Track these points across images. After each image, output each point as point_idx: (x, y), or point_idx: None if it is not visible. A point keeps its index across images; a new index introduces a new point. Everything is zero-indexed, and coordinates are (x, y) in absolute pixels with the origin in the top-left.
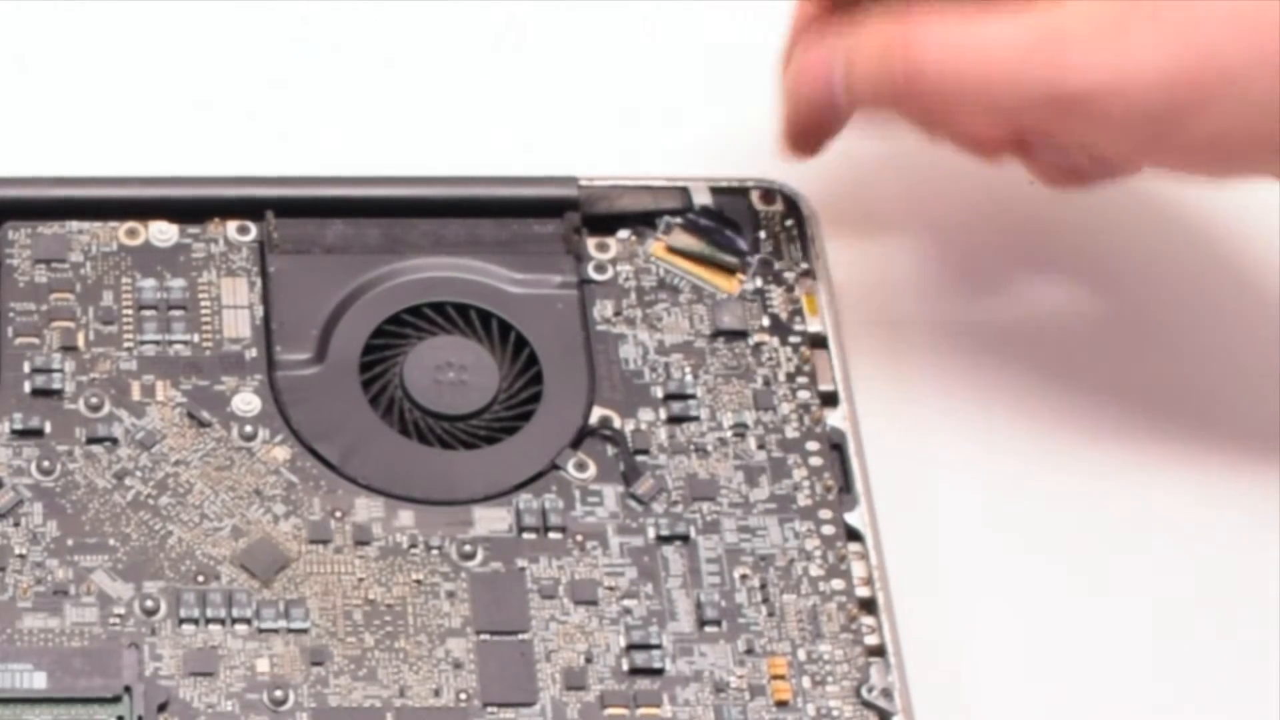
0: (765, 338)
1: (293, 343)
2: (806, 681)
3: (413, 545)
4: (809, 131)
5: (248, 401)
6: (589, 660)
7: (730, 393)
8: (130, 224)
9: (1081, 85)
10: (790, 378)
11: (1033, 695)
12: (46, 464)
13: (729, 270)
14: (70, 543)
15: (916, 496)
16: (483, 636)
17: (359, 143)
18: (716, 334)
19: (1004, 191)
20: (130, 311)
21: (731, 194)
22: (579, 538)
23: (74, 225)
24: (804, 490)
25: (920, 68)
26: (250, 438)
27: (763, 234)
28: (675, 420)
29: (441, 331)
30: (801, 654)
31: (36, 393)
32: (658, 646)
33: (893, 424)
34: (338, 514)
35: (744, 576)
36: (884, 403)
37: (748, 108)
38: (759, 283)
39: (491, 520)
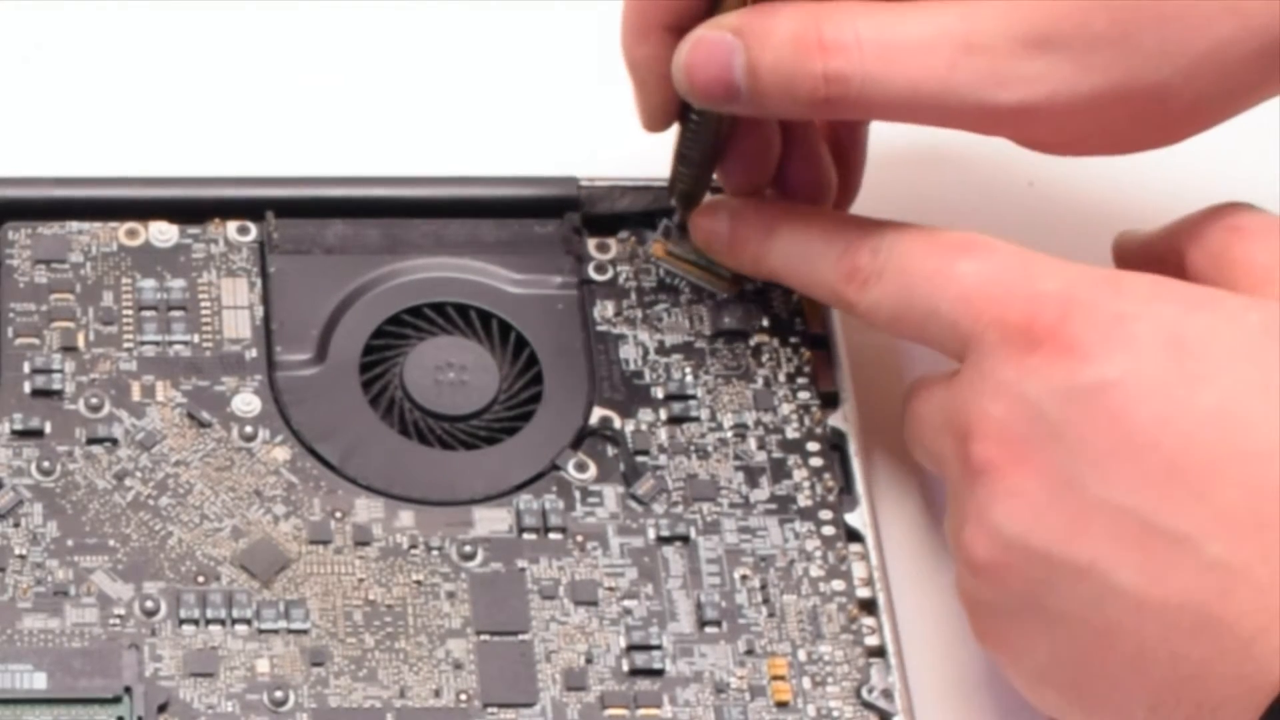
0: (765, 338)
1: (293, 343)
2: (807, 682)
3: (413, 546)
4: (675, 110)
5: (248, 402)
6: (589, 661)
7: (730, 393)
8: (130, 224)
9: (1013, 101)
10: (791, 378)
11: None
12: (46, 464)
13: (726, 276)
14: (70, 543)
15: (917, 497)
16: (483, 637)
17: (359, 143)
18: (717, 334)
19: (1004, 193)
20: (130, 312)
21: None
22: (579, 538)
23: (74, 225)
24: (804, 491)
25: (843, 76)
26: (250, 438)
27: None
28: (675, 421)
29: (441, 332)
30: (802, 655)
31: (36, 393)
32: (658, 647)
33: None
34: (338, 514)
35: (744, 577)
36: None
37: None
38: (759, 283)
39: (492, 521)
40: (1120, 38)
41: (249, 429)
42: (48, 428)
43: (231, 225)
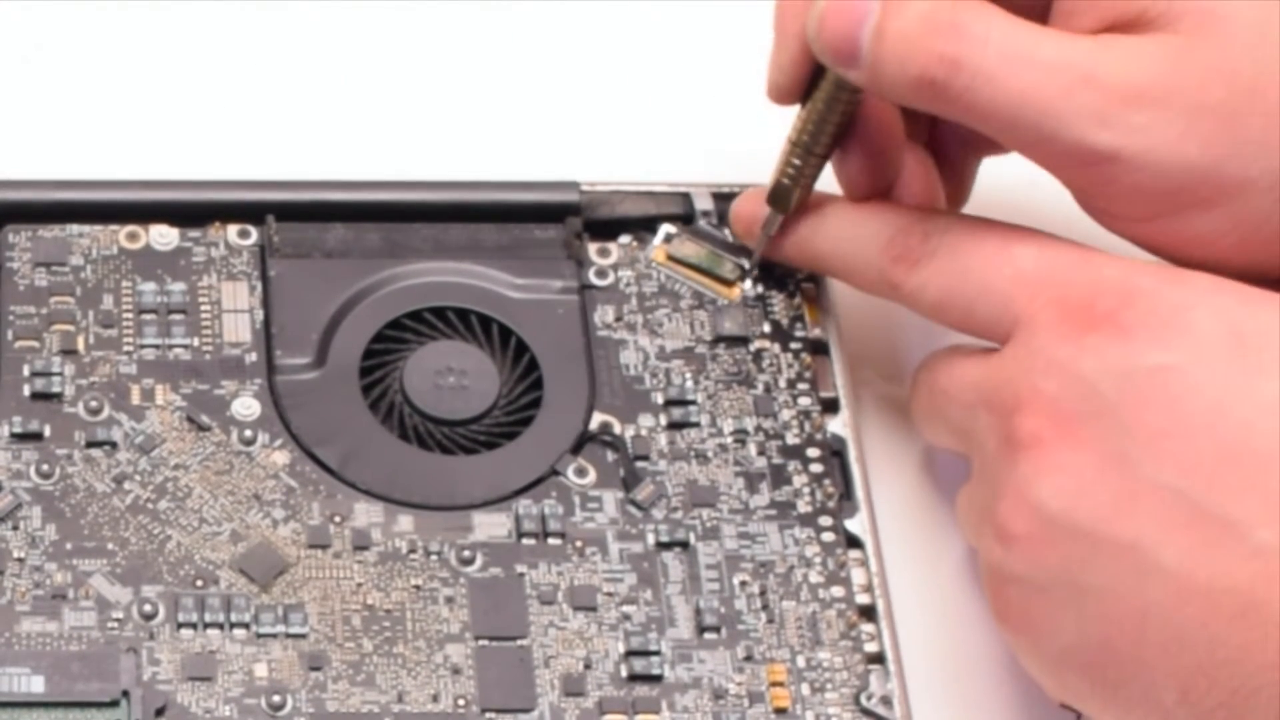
0: (766, 344)
1: (293, 347)
2: (805, 688)
3: (412, 550)
4: (805, 82)
5: (247, 406)
6: (588, 666)
7: (731, 399)
8: (131, 227)
9: (1109, 146)
10: (791, 384)
11: (1032, 703)
12: (46, 467)
13: (727, 282)
14: (69, 546)
15: (917, 503)
16: (481, 642)
17: (360, 147)
18: (717, 340)
19: (1006, 197)
20: (130, 315)
21: (733, 199)
22: (578, 543)
23: (74, 228)
24: (804, 497)
25: (959, 62)
26: (250, 442)
27: None
28: (675, 426)
29: (442, 336)
30: (801, 661)
31: (36, 396)
32: (656, 653)
33: (893, 431)
34: (337, 519)
35: (743, 583)
36: (885, 409)
37: (750, 112)
38: (760, 288)
39: (491, 525)
40: (1230, 115)
41: (248, 433)
42: (47, 431)
43: (232, 229)
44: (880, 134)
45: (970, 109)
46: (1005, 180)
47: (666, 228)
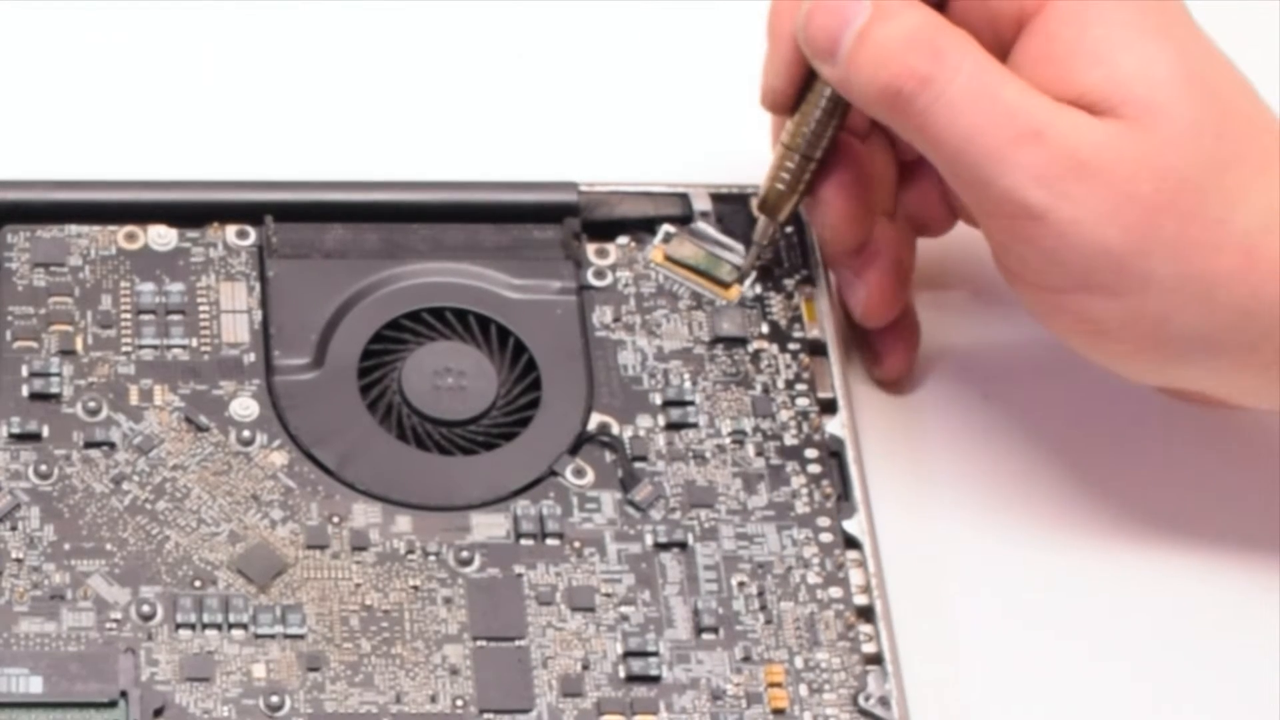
0: (764, 344)
1: (291, 347)
2: (803, 689)
3: (410, 551)
4: (799, 85)
5: (246, 406)
6: (586, 667)
7: (729, 399)
8: (129, 228)
9: (1040, 205)
10: (789, 385)
11: (1030, 704)
12: (44, 468)
13: (725, 283)
14: (67, 547)
15: (915, 504)
16: (479, 643)
17: (358, 147)
18: (715, 340)
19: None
20: (129, 315)
21: (732, 200)
22: (576, 544)
23: (73, 229)
24: (802, 498)
25: (927, 81)
26: (248, 442)
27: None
28: (674, 427)
29: (440, 337)
30: (799, 662)
31: (34, 396)
32: (655, 654)
33: (892, 431)
34: (335, 519)
35: (742, 584)
36: (883, 410)
37: (749, 113)
38: (759, 289)
39: (489, 526)
40: (1153, 210)
41: (247, 433)
42: (45, 431)
43: (230, 229)
44: (860, 181)
45: (923, 130)
46: None
47: (665, 228)
